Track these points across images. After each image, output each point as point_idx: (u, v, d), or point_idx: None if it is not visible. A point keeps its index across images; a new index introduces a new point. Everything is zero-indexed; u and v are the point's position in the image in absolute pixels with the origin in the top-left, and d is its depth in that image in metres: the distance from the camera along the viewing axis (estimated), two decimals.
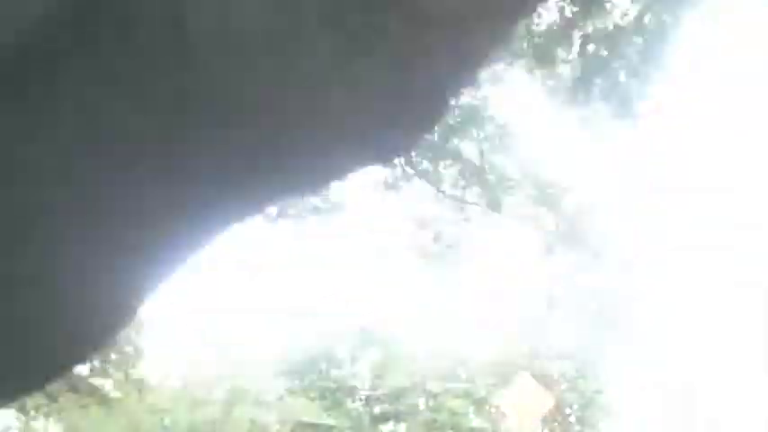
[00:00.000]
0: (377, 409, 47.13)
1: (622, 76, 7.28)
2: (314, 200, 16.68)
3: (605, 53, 7.29)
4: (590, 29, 7.29)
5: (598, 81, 7.60)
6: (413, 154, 15.76)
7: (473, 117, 15.49)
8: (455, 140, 15.83)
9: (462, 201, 16.74)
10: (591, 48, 7.29)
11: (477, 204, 16.90)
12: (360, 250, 18.03)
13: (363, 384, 47.90)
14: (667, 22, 6.83)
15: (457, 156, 15.80)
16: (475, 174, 15.95)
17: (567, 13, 7.43)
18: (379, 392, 46.60)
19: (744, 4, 8.44)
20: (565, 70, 8.02)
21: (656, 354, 44.75)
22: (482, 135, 15.87)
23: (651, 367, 43.68)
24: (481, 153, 16.21)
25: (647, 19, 6.87)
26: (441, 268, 17.26)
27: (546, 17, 7.84)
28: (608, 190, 18.58)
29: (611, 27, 7.16)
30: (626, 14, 7.16)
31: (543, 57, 8.03)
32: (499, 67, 14.69)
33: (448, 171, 16.16)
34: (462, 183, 16.31)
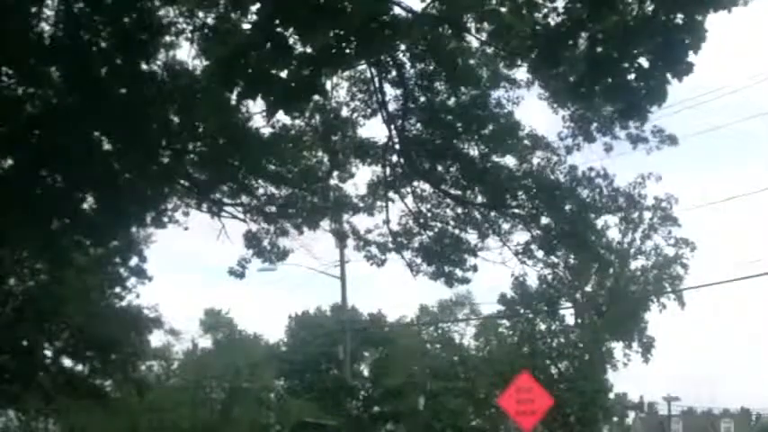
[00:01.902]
0: (376, 409, 47.10)
1: (632, 77, 7.19)
2: (314, 199, 16.66)
3: (615, 54, 7.22)
4: (599, 28, 7.21)
5: (605, 81, 7.50)
6: (413, 154, 15.71)
7: (473, 117, 15.45)
8: (455, 140, 15.79)
9: (463, 200, 16.69)
10: (599, 49, 7.22)
11: (477, 204, 16.85)
12: (359, 250, 18.01)
13: (363, 384, 47.87)
14: (682, 22, 6.73)
15: (457, 156, 15.75)
16: (476, 174, 15.89)
17: (575, 13, 7.35)
18: (378, 392, 46.59)
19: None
20: (570, 70, 7.95)
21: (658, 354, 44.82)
22: (482, 135, 15.83)
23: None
24: (482, 153, 16.15)
25: (660, 19, 6.78)
26: (441, 268, 17.20)
27: (552, 17, 7.80)
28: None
29: (622, 27, 7.08)
30: (639, 14, 7.07)
31: (548, 57, 7.96)
32: (502, 66, 14.69)
33: (448, 171, 16.11)
34: (463, 183, 16.25)
